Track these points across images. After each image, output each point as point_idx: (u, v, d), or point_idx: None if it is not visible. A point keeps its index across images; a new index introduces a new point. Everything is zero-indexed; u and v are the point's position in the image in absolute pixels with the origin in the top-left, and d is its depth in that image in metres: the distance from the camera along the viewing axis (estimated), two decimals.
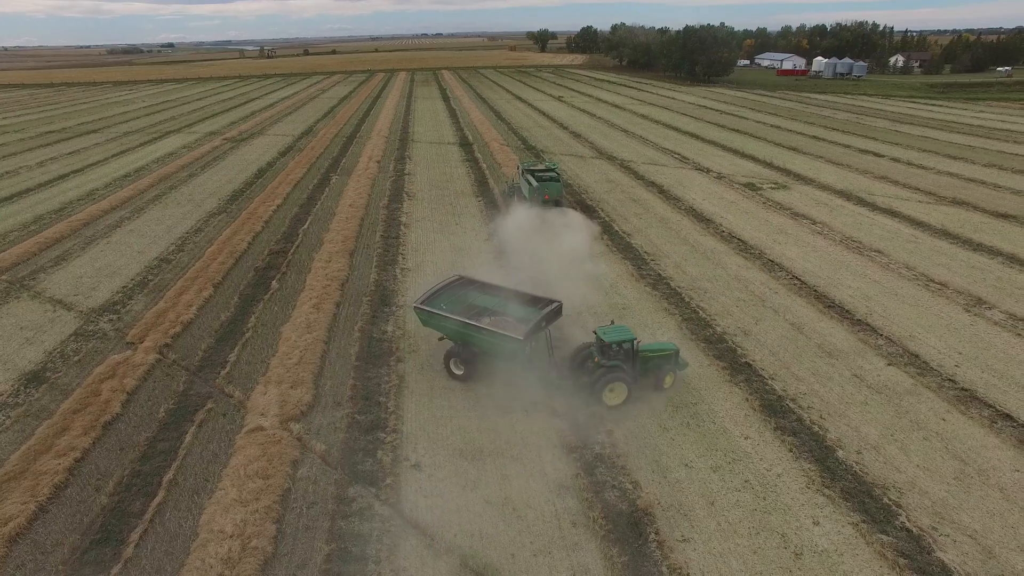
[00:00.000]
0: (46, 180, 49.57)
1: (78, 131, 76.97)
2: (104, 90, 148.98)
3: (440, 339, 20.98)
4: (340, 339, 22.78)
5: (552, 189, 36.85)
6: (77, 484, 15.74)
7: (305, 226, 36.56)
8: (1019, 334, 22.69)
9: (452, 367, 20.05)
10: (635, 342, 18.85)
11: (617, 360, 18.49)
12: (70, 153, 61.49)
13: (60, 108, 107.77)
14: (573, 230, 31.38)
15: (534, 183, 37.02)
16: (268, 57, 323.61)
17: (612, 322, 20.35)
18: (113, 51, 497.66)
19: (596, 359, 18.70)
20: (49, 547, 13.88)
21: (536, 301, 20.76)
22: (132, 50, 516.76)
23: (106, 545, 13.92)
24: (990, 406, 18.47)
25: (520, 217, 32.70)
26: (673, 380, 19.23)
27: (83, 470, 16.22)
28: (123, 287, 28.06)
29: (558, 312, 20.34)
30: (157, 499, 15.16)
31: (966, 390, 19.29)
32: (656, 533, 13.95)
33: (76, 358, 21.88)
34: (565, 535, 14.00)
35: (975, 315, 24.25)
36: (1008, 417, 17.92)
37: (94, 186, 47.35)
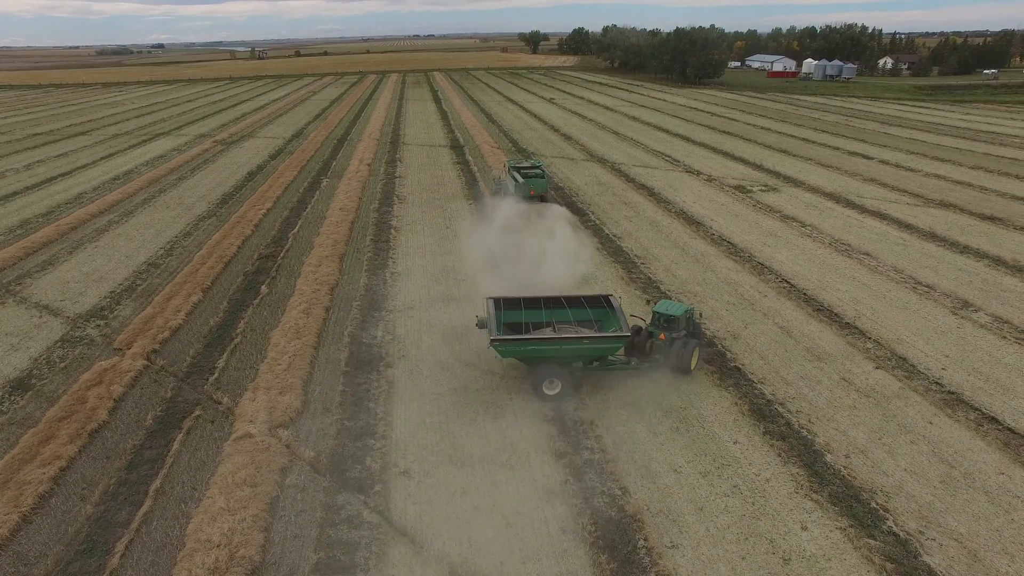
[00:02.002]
0: (33, 183, 49.15)
1: (66, 133, 76.38)
2: (93, 91, 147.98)
3: (530, 365, 19.63)
4: (330, 344, 22.68)
5: (537, 185, 38.47)
6: (62, 494, 15.58)
7: (295, 230, 36.41)
8: (1004, 337, 22.90)
9: (546, 389, 18.93)
10: (691, 311, 20.66)
11: (683, 330, 20.07)
12: (58, 156, 61.00)
13: (48, 110, 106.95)
14: (562, 235, 31.44)
15: (520, 180, 38.55)
16: (259, 58, 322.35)
17: (648, 301, 22.19)
18: (102, 52, 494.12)
19: (663, 336, 19.97)
20: (32, 559, 13.72)
21: (592, 300, 21.32)
22: (122, 51, 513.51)
23: (91, 556, 13.78)
24: (976, 409, 18.60)
25: (508, 225, 32.80)
26: None
27: (68, 479, 16.05)
28: (111, 292, 27.84)
29: None
30: (144, 508, 15.02)
31: (953, 393, 19.44)
32: (645, 539, 13.96)
33: (62, 364, 21.68)
34: (554, 542, 13.99)
35: (962, 318, 24.44)
36: (994, 420, 18.06)
37: (82, 189, 46.98)
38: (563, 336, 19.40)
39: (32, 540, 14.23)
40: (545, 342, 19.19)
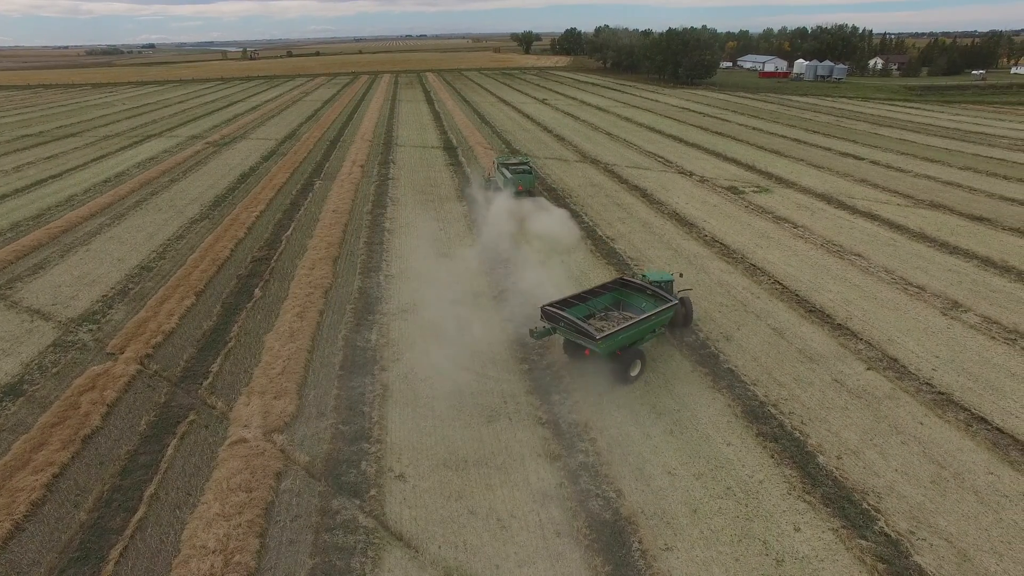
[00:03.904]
0: (23, 186, 48.80)
1: (56, 135, 75.85)
2: (83, 92, 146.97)
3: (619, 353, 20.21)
4: (324, 348, 22.66)
5: (525, 181, 40.55)
6: (55, 501, 15.52)
7: (288, 232, 36.32)
8: (994, 337, 23.14)
9: (631, 372, 20.13)
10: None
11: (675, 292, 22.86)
12: (48, 157, 60.57)
13: (37, 111, 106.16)
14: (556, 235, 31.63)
15: (508, 175, 40.83)
16: (251, 59, 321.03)
17: (635, 275, 24.76)
18: (92, 52, 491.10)
19: None
20: (25, 567, 13.67)
21: (619, 284, 23.34)
22: (112, 51, 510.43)
23: (85, 563, 13.74)
24: (966, 409, 18.80)
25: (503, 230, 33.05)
26: None
27: (61, 486, 15.99)
28: (103, 296, 27.69)
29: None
30: (138, 514, 14.98)
31: (943, 394, 19.63)
32: (639, 542, 14.05)
33: (55, 370, 21.56)
34: (549, 545, 14.06)
35: (952, 318, 24.68)
36: (983, 420, 18.26)
37: (73, 192, 46.68)
38: (642, 317, 20.63)
39: (25, 548, 14.17)
40: (633, 326, 20.14)
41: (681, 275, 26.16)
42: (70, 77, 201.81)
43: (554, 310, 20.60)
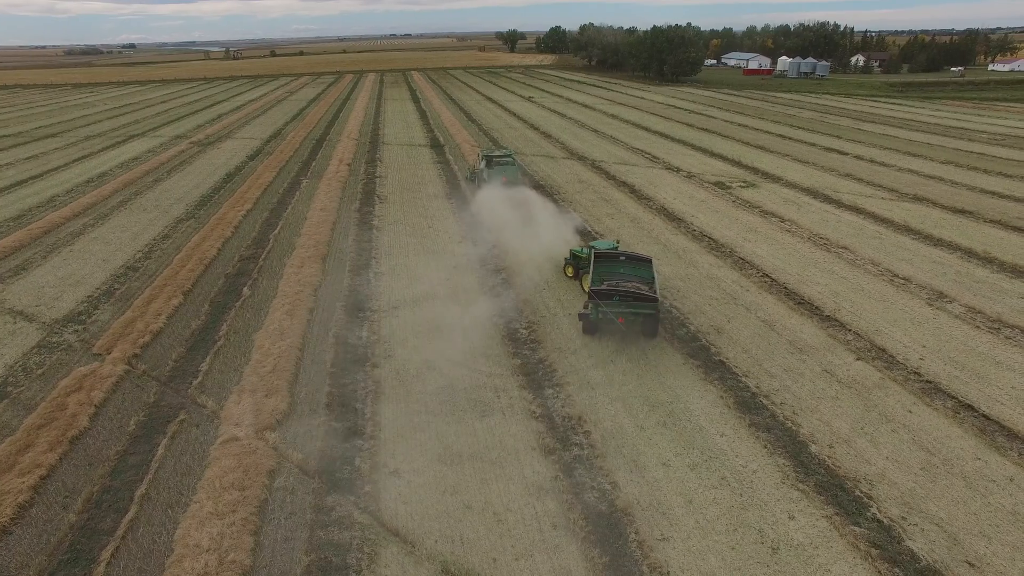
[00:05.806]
0: (2, 186, 47.96)
1: (36, 135, 74.65)
2: (63, 92, 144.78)
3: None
4: (314, 345, 22.49)
5: (508, 172, 41.32)
6: (43, 503, 15.25)
7: (276, 231, 36.01)
8: (978, 326, 23.49)
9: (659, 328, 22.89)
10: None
11: None
12: (28, 158, 59.58)
13: (16, 111, 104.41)
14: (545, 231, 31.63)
15: (491, 167, 41.74)
16: (234, 58, 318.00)
17: (582, 248, 26.71)
18: (71, 52, 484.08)
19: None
20: (14, 570, 13.42)
21: (598, 258, 25.27)
22: (91, 51, 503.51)
23: (75, 565, 13.52)
24: (953, 397, 19.07)
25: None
26: None
27: (49, 488, 15.72)
28: (88, 296, 27.29)
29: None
30: (129, 515, 14.77)
31: (930, 382, 19.90)
32: (636, 533, 14.09)
33: (40, 371, 21.20)
34: (546, 538, 14.06)
35: (937, 309, 25.01)
36: (970, 407, 18.53)
37: (55, 192, 45.96)
38: (654, 275, 23.88)
39: (13, 551, 13.92)
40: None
41: (619, 241, 28.83)
42: (49, 77, 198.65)
43: (606, 288, 22.60)
